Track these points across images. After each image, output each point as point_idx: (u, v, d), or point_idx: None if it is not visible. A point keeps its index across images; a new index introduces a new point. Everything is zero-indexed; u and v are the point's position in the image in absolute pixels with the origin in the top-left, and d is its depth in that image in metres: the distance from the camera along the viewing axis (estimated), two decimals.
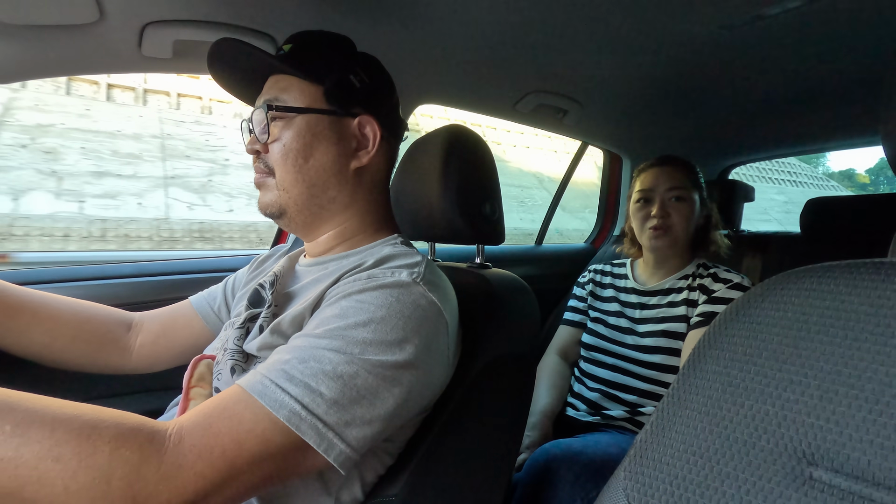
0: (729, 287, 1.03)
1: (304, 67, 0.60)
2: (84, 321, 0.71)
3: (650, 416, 1.11)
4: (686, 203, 1.11)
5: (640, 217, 1.15)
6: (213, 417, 0.42)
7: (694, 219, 1.12)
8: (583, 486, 0.84)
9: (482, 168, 0.72)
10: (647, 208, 1.13)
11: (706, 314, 1.02)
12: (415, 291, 0.52)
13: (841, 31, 0.93)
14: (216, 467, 0.40)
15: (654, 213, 1.10)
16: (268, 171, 0.61)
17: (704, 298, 1.05)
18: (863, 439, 0.27)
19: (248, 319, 0.60)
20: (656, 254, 1.15)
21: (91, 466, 0.36)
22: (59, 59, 0.79)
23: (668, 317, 1.10)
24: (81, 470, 0.36)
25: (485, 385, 0.62)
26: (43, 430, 0.36)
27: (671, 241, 1.11)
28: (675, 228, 1.10)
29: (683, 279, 1.12)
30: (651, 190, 1.13)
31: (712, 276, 1.08)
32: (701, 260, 1.15)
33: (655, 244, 1.11)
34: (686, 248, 1.15)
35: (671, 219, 1.10)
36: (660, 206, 1.11)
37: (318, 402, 0.43)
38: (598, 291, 1.28)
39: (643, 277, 1.21)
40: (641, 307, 1.16)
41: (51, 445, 0.36)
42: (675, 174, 1.12)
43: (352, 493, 0.53)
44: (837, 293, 0.31)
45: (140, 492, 0.37)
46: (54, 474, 0.35)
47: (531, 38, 0.96)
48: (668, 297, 1.13)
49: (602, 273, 1.31)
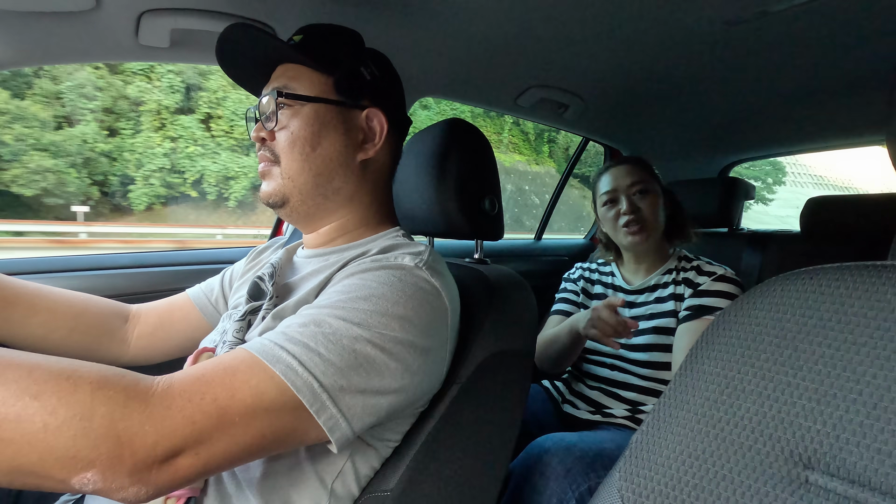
0: (714, 279, 1.05)
1: (316, 57, 0.60)
2: (81, 313, 0.70)
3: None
4: (651, 195, 1.14)
5: (610, 218, 1.17)
6: (206, 368, 0.41)
7: (661, 208, 1.15)
8: (574, 479, 0.84)
9: (482, 163, 0.72)
10: (616, 208, 1.16)
11: (693, 307, 1.03)
12: (417, 275, 0.52)
13: (845, 29, 0.92)
14: (207, 413, 0.38)
15: (623, 211, 1.13)
16: (273, 160, 0.61)
17: (690, 292, 1.06)
18: (860, 444, 0.27)
19: (248, 312, 0.60)
20: (635, 250, 1.17)
21: (72, 403, 0.34)
22: (55, 47, 0.78)
23: (657, 313, 1.10)
24: (61, 406, 0.34)
25: (482, 380, 0.61)
26: (21, 370, 0.35)
27: (647, 234, 1.12)
28: (648, 220, 1.12)
29: (667, 273, 1.14)
30: (615, 190, 1.16)
31: (696, 269, 1.09)
32: (681, 252, 1.17)
33: (633, 240, 1.13)
34: (662, 240, 1.17)
35: (642, 212, 1.12)
36: (627, 202, 1.13)
37: (316, 360, 0.43)
38: (589, 288, 1.29)
39: (628, 276, 1.23)
40: (630, 306, 1.17)
41: (29, 384, 0.34)
42: (633, 170, 1.15)
43: (346, 486, 0.53)
44: (838, 295, 0.31)
45: (125, 430, 0.35)
46: (32, 411, 0.34)
47: (534, 31, 0.95)
48: (654, 293, 1.14)
49: (590, 270, 1.32)
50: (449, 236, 0.74)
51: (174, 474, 0.37)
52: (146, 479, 0.36)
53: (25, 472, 0.34)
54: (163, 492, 0.38)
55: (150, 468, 0.36)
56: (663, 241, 1.18)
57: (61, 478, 0.34)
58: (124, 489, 0.35)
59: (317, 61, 0.60)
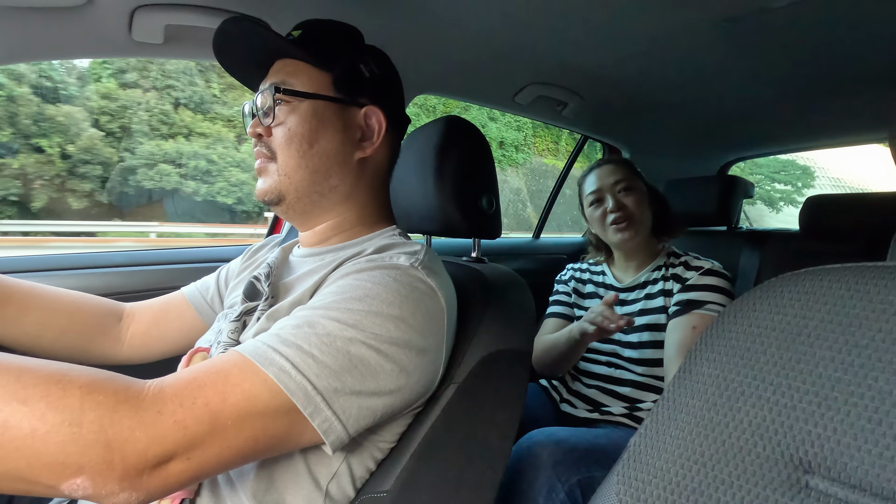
0: (701, 274, 1.06)
1: (315, 53, 0.59)
2: (74, 311, 0.70)
3: (647, 414, 1.10)
4: (635, 191, 1.16)
5: (597, 217, 1.19)
6: (198, 371, 0.40)
7: (646, 204, 1.17)
8: (564, 472, 0.85)
9: (480, 161, 0.71)
10: (602, 207, 1.18)
11: (682, 302, 1.04)
12: (412, 274, 0.51)
13: (845, 27, 0.92)
14: (198, 418, 0.37)
15: (610, 209, 1.15)
16: (270, 156, 0.60)
17: (679, 287, 1.07)
18: (861, 448, 0.27)
19: (244, 313, 0.59)
20: (624, 247, 1.18)
21: (60, 408, 0.34)
22: (47, 43, 0.77)
23: (648, 309, 1.11)
24: (50, 411, 0.33)
25: (479, 380, 0.61)
26: (9, 375, 0.34)
27: (634, 230, 1.14)
28: (635, 216, 1.14)
29: (657, 270, 1.15)
30: (600, 189, 1.18)
31: (684, 265, 1.10)
32: (670, 248, 1.18)
33: (622, 237, 1.14)
34: (651, 237, 1.19)
35: (628, 209, 1.14)
36: (613, 200, 1.15)
37: (309, 363, 0.42)
38: (580, 288, 1.30)
39: (619, 275, 1.24)
40: (622, 304, 1.18)
41: (17, 389, 0.34)
42: (616, 169, 1.18)
43: (341, 488, 0.53)
44: (839, 297, 0.30)
45: (115, 436, 0.34)
46: (21, 416, 0.33)
47: (532, 28, 0.95)
48: (644, 290, 1.15)
49: (581, 271, 1.34)
50: (446, 235, 0.73)
51: (166, 479, 0.37)
52: (137, 485, 0.35)
53: (14, 477, 0.33)
54: (154, 497, 0.37)
55: (141, 474, 0.35)
56: (651, 238, 1.19)
57: (50, 483, 0.34)
58: (115, 495, 0.35)
59: (316, 57, 0.59)
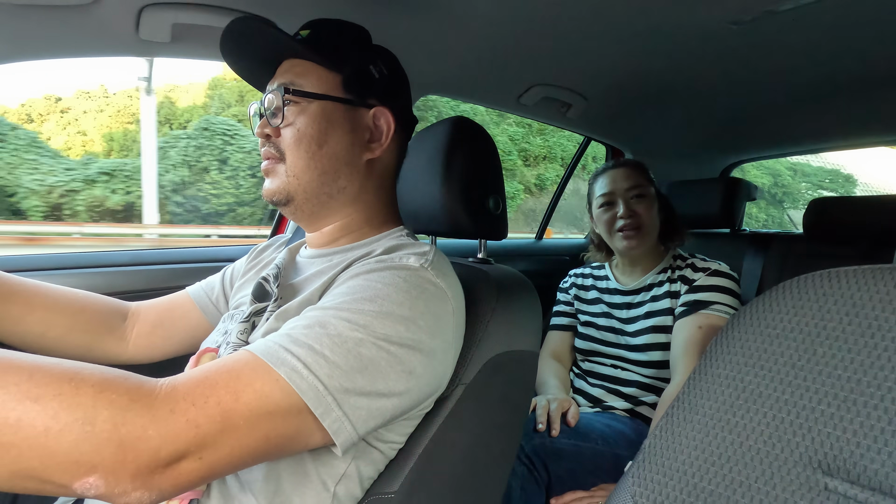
0: (708, 275, 1.05)
1: (324, 54, 0.59)
2: (79, 310, 0.70)
3: (653, 409, 1.12)
4: (647, 199, 1.14)
5: (605, 220, 1.17)
6: (210, 370, 0.40)
7: (656, 212, 1.15)
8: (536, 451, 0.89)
9: (486, 161, 0.71)
10: (612, 211, 1.15)
11: (689, 303, 1.04)
12: (422, 275, 0.51)
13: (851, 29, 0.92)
14: (211, 417, 0.37)
15: (620, 214, 1.13)
16: (278, 157, 0.60)
17: (686, 288, 1.07)
18: (881, 450, 0.27)
19: (253, 314, 0.59)
20: (629, 254, 1.17)
21: (73, 407, 0.34)
22: (53, 42, 0.77)
23: (654, 311, 1.11)
24: (63, 410, 0.33)
25: (487, 381, 0.61)
26: (21, 373, 0.34)
27: (643, 239, 1.13)
28: (644, 225, 1.12)
29: (662, 272, 1.14)
30: (612, 193, 1.16)
31: (691, 267, 1.10)
32: (676, 251, 1.17)
33: (628, 244, 1.13)
34: (657, 243, 1.18)
35: (639, 217, 1.12)
36: (625, 206, 1.13)
37: (321, 363, 0.42)
38: (582, 294, 1.29)
39: (622, 278, 1.23)
40: (627, 307, 1.17)
41: (30, 387, 0.34)
42: (631, 174, 1.15)
43: (350, 490, 0.53)
44: (858, 299, 0.30)
45: (127, 435, 0.34)
46: (34, 415, 0.33)
47: (537, 29, 0.95)
48: (650, 292, 1.14)
49: (583, 276, 1.32)
50: (453, 236, 0.73)
51: (177, 479, 0.37)
52: (149, 484, 0.35)
53: (27, 476, 0.33)
54: (166, 496, 0.37)
55: (154, 473, 0.35)
56: (657, 244, 1.18)
57: (63, 482, 0.34)
58: (127, 494, 0.35)
59: (326, 58, 0.59)
